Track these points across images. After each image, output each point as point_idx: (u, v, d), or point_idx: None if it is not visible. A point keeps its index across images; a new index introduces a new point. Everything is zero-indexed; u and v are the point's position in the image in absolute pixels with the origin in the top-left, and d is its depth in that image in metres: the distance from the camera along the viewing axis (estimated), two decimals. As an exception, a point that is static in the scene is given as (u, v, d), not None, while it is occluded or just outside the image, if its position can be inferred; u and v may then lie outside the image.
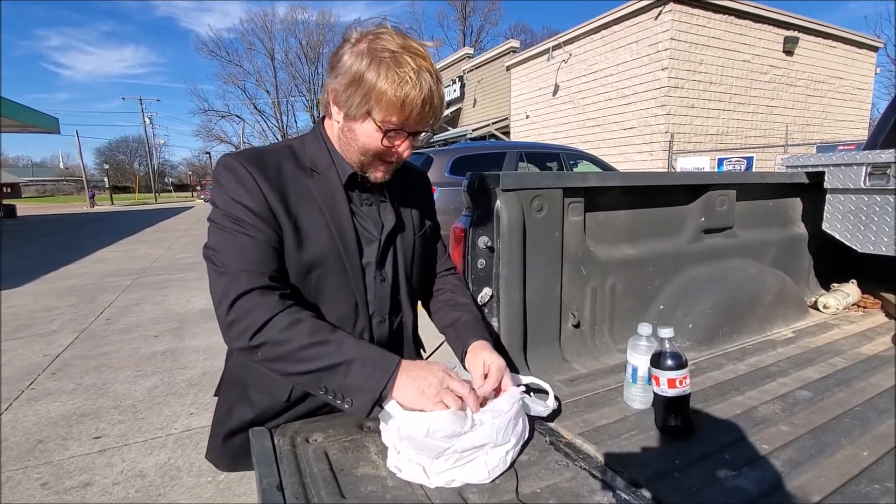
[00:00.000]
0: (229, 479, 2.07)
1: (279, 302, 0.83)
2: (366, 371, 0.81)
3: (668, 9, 9.86)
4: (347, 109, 0.87)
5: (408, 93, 0.82)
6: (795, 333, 1.55)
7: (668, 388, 0.91)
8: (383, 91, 0.82)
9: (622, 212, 1.47)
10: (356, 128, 0.89)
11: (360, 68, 0.83)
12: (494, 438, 0.79)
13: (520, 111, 14.68)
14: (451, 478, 0.77)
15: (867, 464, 0.83)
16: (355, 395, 0.80)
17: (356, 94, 0.84)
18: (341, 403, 0.81)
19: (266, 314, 0.81)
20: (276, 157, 0.93)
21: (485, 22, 44.34)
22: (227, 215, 0.86)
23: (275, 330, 0.80)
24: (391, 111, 0.83)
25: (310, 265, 0.92)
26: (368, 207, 1.00)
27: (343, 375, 0.80)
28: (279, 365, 0.82)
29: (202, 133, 49.22)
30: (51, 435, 2.50)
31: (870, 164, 1.61)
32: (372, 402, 0.80)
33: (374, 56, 0.82)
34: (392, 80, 0.81)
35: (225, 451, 1.01)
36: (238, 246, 0.85)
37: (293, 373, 0.82)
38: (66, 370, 3.40)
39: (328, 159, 0.96)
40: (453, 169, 5.36)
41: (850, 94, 13.16)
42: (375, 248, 0.99)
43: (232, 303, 0.81)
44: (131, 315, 4.80)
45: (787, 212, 1.92)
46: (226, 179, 0.88)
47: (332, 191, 0.95)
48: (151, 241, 11.14)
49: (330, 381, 0.81)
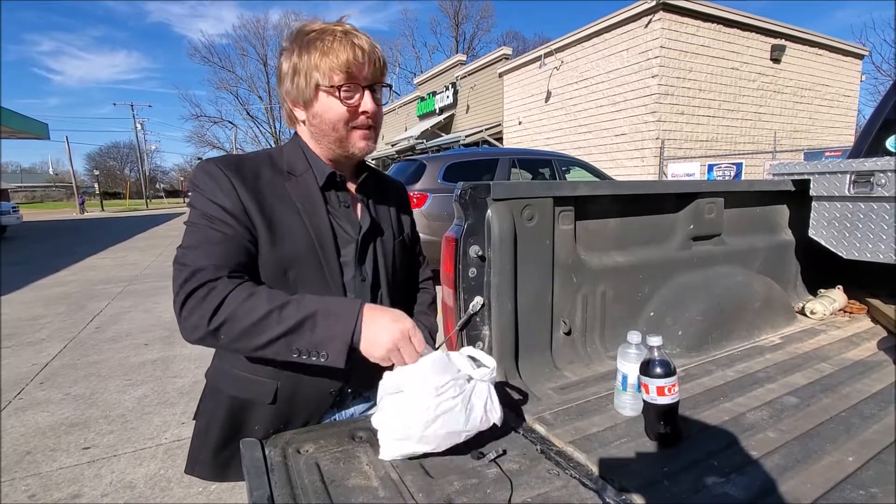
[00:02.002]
0: (220, 490, 2.05)
1: (231, 282, 0.82)
2: (330, 321, 0.81)
3: (657, 17, 9.99)
4: (302, 98, 0.93)
5: (336, 49, 0.88)
6: (783, 339, 1.57)
7: (658, 396, 0.92)
8: (317, 61, 0.89)
9: (612, 220, 1.49)
10: (317, 109, 0.93)
11: (294, 59, 0.91)
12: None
13: (512, 117, 14.77)
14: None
15: (852, 469, 0.84)
16: (328, 347, 0.80)
17: (301, 80, 0.91)
18: (317, 360, 0.81)
19: (221, 294, 0.80)
20: (254, 163, 0.95)
21: (477, 29, 44.71)
22: (200, 213, 0.88)
23: (232, 306, 0.79)
24: (332, 72, 0.89)
25: (286, 263, 0.93)
26: (346, 209, 1.02)
27: (310, 331, 0.80)
28: (245, 341, 0.80)
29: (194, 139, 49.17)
30: (39, 446, 2.47)
31: (853, 171, 1.64)
32: (346, 347, 0.80)
33: (301, 44, 0.91)
34: (320, 48, 0.89)
35: (212, 460, 0.99)
36: (205, 241, 0.85)
37: (261, 344, 0.80)
38: (54, 379, 3.36)
39: (305, 163, 0.99)
40: (446, 175, 5.38)
41: (837, 100, 13.38)
42: (353, 248, 1.00)
43: (188, 295, 0.80)
44: (121, 323, 4.75)
45: (774, 219, 1.95)
46: (202, 181, 0.90)
47: (309, 192, 0.97)
48: (142, 248, 11.05)
49: (299, 341, 0.80)
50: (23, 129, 13.53)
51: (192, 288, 0.80)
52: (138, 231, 15.70)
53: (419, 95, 20.55)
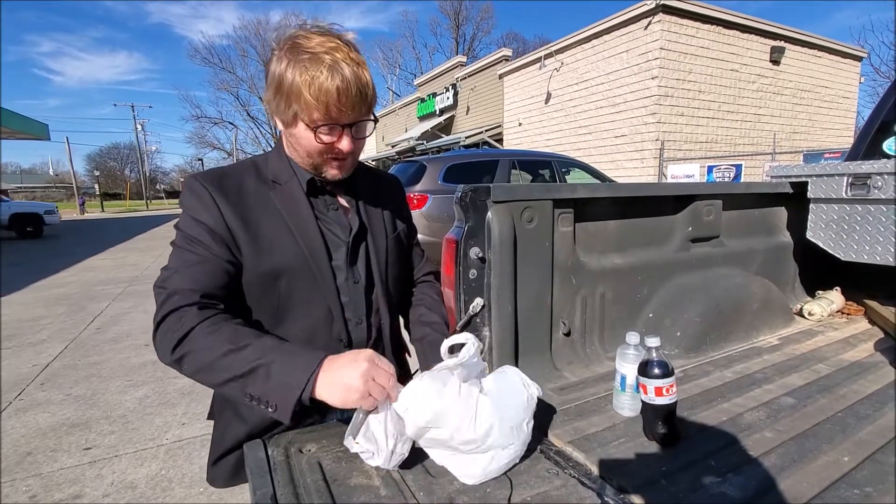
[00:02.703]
0: (221, 490, 2.06)
1: (202, 314, 0.82)
2: (285, 371, 0.76)
3: (657, 19, 10.02)
4: (281, 116, 0.90)
5: (320, 86, 0.82)
6: (781, 340, 1.58)
7: (656, 397, 0.93)
8: (299, 91, 0.83)
9: (611, 222, 1.50)
10: (294, 132, 0.91)
11: (280, 73, 0.85)
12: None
13: (513, 119, 14.80)
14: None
15: (847, 469, 0.85)
16: (278, 398, 0.76)
17: (282, 101, 0.86)
18: (265, 409, 0.77)
19: (187, 326, 0.80)
20: (237, 175, 0.95)
21: (477, 30, 44.76)
22: (183, 235, 0.88)
23: (194, 340, 0.79)
24: (311, 109, 0.84)
25: (276, 274, 0.93)
26: (335, 212, 1.02)
27: (264, 378, 0.76)
28: (203, 375, 0.80)
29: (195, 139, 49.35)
30: (40, 447, 2.48)
31: (851, 174, 1.65)
32: (294, 402, 0.75)
33: (291, 59, 0.84)
34: (304, 78, 0.82)
35: (222, 468, 1.00)
36: (183, 264, 0.86)
37: (218, 382, 0.79)
38: (55, 380, 3.37)
39: (289, 171, 0.98)
40: (446, 177, 5.39)
41: (836, 102, 13.41)
42: (344, 251, 1.00)
43: (161, 320, 0.82)
44: (122, 324, 4.76)
45: (772, 221, 1.96)
46: (186, 199, 0.90)
47: (294, 199, 0.96)
48: (142, 249, 11.05)
49: (252, 387, 0.77)
50: (23, 129, 13.53)
51: (165, 312, 0.82)
52: (138, 232, 15.71)
53: (419, 97, 20.59)
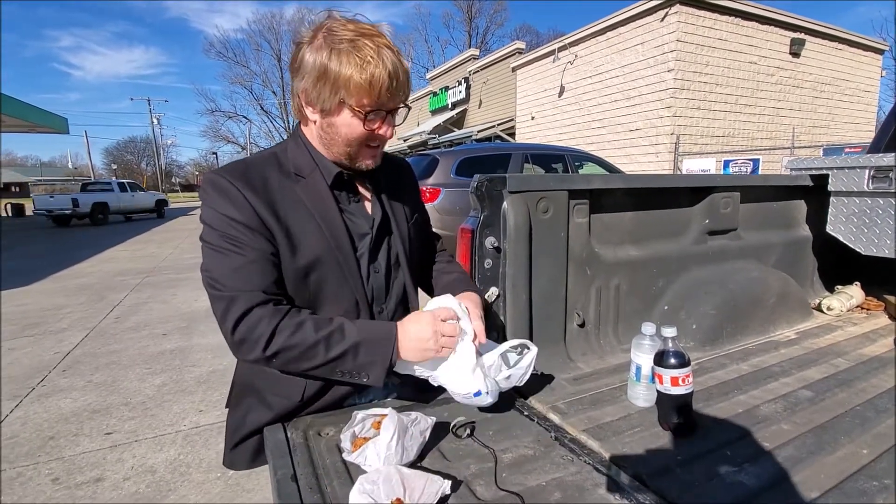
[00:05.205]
0: (238, 475, 2.10)
1: (278, 311, 0.88)
2: (370, 348, 0.90)
3: (674, 10, 9.85)
4: (321, 105, 0.90)
5: (373, 72, 0.84)
6: (798, 335, 1.57)
7: (671, 386, 0.93)
8: (349, 76, 0.84)
9: (627, 213, 1.49)
10: (335, 121, 0.91)
11: (323, 61, 0.85)
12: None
13: (525, 112, 14.69)
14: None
15: (866, 461, 0.85)
16: (370, 371, 0.90)
17: (325, 88, 0.87)
18: (359, 379, 0.91)
19: (270, 326, 0.85)
20: (260, 168, 0.95)
21: (490, 23, 44.46)
22: (220, 234, 0.88)
23: (283, 337, 0.86)
24: (362, 94, 0.86)
25: (307, 269, 0.94)
26: (357, 204, 1.03)
27: (353, 358, 0.89)
28: (294, 365, 0.88)
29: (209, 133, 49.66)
30: (62, 431, 2.55)
31: (873, 167, 1.62)
32: (385, 372, 0.90)
33: (333, 47, 0.85)
34: (355, 64, 0.84)
35: (242, 452, 1.02)
36: (232, 267, 0.87)
37: (309, 368, 0.89)
38: (76, 367, 3.45)
39: (311, 163, 0.98)
40: (459, 170, 5.39)
41: (857, 96, 13.09)
42: (368, 242, 1.02)
43: (235, 324, 0.85)
44: (140, 313, 4.86)
45: (791, 214, 1.94)
46: (212, 197, 0.89)
47: (320, 193, 0.97)
48: (159, 241, 11.23)
49: (343, 366, 0.89)
50: (43, 123, 13.78)
51: (237, 316, 0.85)
52: (155, 224, 15.95)
53: (432, 90, 20.53)
